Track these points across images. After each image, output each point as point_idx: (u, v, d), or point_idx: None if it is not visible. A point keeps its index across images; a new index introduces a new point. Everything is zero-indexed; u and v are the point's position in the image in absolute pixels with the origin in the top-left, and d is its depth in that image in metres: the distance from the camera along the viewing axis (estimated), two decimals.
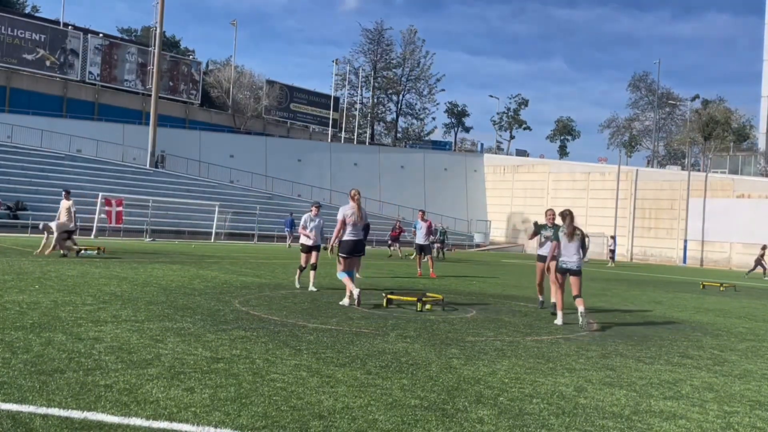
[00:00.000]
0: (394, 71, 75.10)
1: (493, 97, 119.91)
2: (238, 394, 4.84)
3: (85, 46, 53.60)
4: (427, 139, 77.88)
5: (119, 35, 65.04)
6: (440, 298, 10.98)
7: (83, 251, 18.79)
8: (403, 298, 10.88)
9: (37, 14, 63.06)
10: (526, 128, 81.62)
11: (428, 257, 19.76)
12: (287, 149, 55.87)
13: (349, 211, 10.82)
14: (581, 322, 9.53)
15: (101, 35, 55.90)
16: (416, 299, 10.44)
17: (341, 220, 10.73)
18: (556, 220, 11.06)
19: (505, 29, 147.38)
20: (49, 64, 51.64)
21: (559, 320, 9.76)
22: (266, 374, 5.49)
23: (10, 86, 50.31)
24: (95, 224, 32.92)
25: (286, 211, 41.98)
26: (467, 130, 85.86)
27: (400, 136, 78.28)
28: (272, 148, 54.80)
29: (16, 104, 48.95)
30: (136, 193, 39.15)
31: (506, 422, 4.56)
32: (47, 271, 13.25)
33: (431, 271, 18.99)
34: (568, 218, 9.94)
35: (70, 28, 54.26)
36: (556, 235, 10.17)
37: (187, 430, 4.03)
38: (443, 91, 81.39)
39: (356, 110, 69.63)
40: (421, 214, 20.78)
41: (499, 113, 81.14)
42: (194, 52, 70.60)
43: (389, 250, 32.26)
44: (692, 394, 5.79)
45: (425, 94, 76.18)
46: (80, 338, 6.52)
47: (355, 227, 10.87)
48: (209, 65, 68.64)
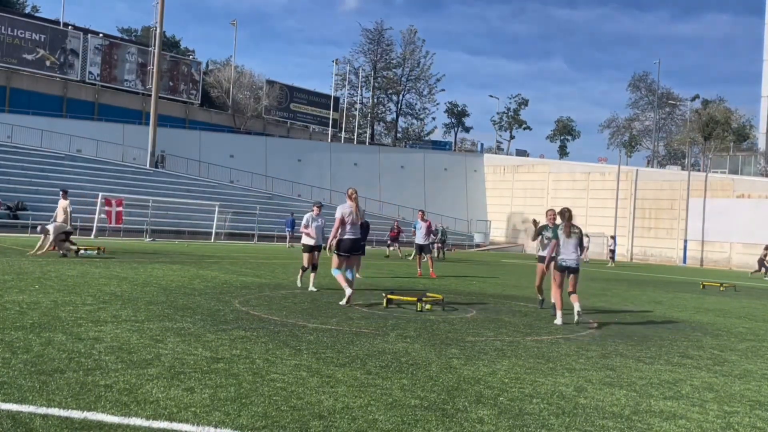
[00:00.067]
0: (394, 71, 75.12)
1: (493, 97, 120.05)
2: (238, 394, 4.84)
3: (85, 46, 53.60)
4: (427, 139, 77.88)
5: (119, 35, 65.04)
6: (440, 298, 10.98)
7: (83, 251, 18.82)
8: (403, 298, 10.88)
9: (37, 14, 63.07)
10: (526, 128, 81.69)
11: (428, 257, 19.76)
12: (287, 149, 55.87)
13: (347, 210, 10.86)
14: (576, 319, 9.59)
15: (101, 35, 55.90)
16: (416, 299, 10.44)
17: (339, 218, 10.79)
18: (557, 220, 11.01)
19: (505, 29, 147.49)
20: (49, 64, 51.64)
21: (558, 320, 9.76)
22: (266, 374, 5.49)
23: (10, 86, 50.31)
24: (95, 224, 32.91)
25: (286, 211, 41.99)
26: (467, 130, 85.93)
27: (400, 136, 78.28)
28: (272, 148, 54.80)
29: (16, 104, 48.96)
30: (136, 193, 39.13)
31: (506, 422, 4.56)
32: (47, 271, 13.25)
33: (431, 270, 18.99)
34: (566, 215, 10.00)
35: (70, 28, 54.26)
36: (555, 233, 10.21)
37: (187, 430, 4.03)
38: (443, 91, 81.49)
39: (356, 110, 69.62)
40: (421, 214, 20.80)
41: (499, 113, 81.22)
42: (194, 52, 70.67)
43: (387, 250, 32.32)
44: (692, 394, 5.79)
45: (425, 94, 76.25)
46: (80, 338, 6.52)
47: (353, 226, 10.91)
48: (209, 65, 68.64)
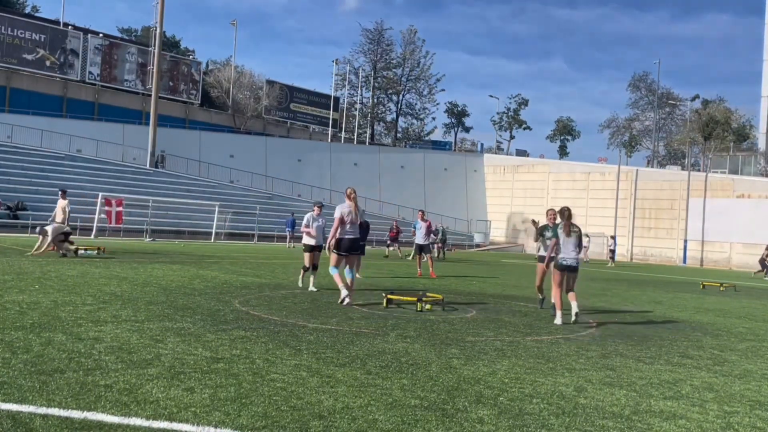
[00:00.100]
0: (394, 71, 75.12)
1: (493, 97, 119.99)
2: (238, 394, 4.83)
3: (85, 46, 53.60)
4: (427, 139, 77.89)
5: (119, 35, 65.04)
6: (440, 298, 10.98)
7: (83, 251, 18.87)
8: (403, 298, 10.88)
9: (37, 14, 63.06)
10: (526, 128, 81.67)
11: (428, 257, 19.76)
12: (287, 149, 55.87)
13: (346, 209, 10.87)
14: (574, 319, 9.61)
15: (101, 35, 55.89)
16: (416, 299, 10.44)
17: (339, 218, 10.79)
18: (557, 219, 10.97)
19: (505, 29, 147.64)
20: (49, 64, 51.63)
21: (558, 320, 9.76)
22: (266, 374, 5.49)
23: (10, 86, 50.32)
24: (95, 224, 32.93)
25: (286, 211, 41.98)
26: (467, 130, 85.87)
27: (400, 136, 78.29)
28: (272, 148, 54.80)
29: (16, 104, 48.96)
30: (136, 193, 39.13)
31: (506, 422, 4.56)
32: (47, 271, 13.25)
33: (431, 270, 18.99)
34: (565, 214, 10.04)
35: (70, 28, 54.26)
36: (554, 232, 10.24)
37: (187, 430, 4.03)
38: (443, 91, 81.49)
39: (356, 110, 69.63)
40: (420, 214, 20.81)
41: (499, 113, 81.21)
42: (194, 52, 70.66)
43: (387, 250, 32.33)
44: (692, 394, 5.79)
45: (425, 94, 76.26)
46: (80, 338, 6.52)
47: (352, 225, 10.91)
48: (209, 65, 68.65)
